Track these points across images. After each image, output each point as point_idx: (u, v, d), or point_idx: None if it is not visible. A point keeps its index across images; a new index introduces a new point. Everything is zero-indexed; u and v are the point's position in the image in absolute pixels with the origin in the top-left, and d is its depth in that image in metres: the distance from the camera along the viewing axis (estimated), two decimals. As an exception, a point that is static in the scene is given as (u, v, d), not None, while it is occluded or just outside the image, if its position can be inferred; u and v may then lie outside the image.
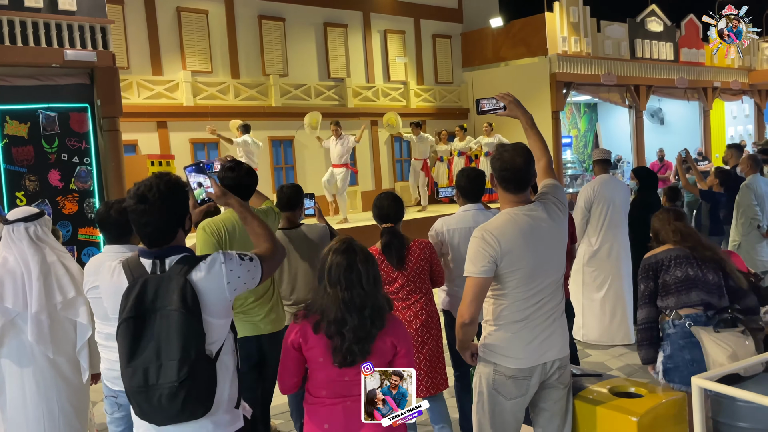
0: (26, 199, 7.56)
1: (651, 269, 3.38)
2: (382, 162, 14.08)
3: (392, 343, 2.42)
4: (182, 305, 2.02)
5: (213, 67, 11.64)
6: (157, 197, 2.09)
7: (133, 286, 2.07)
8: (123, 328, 2.05)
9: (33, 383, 3.25)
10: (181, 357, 1.99)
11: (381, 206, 3.71)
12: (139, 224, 2.13)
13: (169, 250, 2.14)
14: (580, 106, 18.42)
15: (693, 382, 2.43)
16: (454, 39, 15.52)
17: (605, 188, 5.92)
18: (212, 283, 2.10)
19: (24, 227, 3.25)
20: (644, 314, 3.38)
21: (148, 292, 2.06)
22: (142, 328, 2.03)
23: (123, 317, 2.05)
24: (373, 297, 2.37)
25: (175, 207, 2.15)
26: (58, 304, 3.24)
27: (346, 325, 2.33)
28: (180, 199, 2.17)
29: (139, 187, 2.12)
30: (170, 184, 2.13)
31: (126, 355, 2.04)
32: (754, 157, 6.80)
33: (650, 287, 3.36)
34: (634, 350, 5.93)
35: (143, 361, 2.01)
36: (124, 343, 2.04)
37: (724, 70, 18.58)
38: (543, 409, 2.82)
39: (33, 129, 7.63)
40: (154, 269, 2.11)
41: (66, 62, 7.71)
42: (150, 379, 1.99)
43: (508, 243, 2.62)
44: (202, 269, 2.10)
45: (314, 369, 2.42)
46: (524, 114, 2.91)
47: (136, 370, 2.01)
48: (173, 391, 1.97)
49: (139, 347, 2.02)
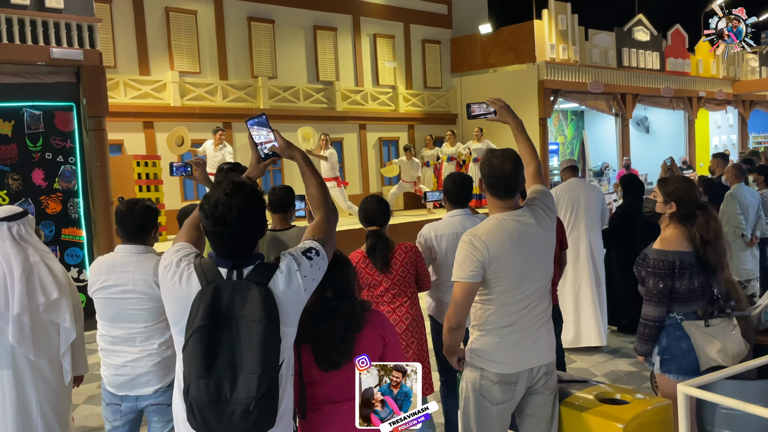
0: (9, 198, 7.45)
1: (669, 267, 3.15)
2: (370, 166, 14.08)
3: (381, 336, 2.40)
4: (266, 316, 1.90)
5: (201, 68, 11.58)
6: (238, 219, 1.95)
7: (208, 291, 1.93)
8: (197, 337, 1.89)
9: (13, 386, 3.19)
10: (262, 371, 1.86)
11: (367, 209, 3.70)
12: (221, 243, 2.00)
13: (247, 260, 2.01)
14: (568, 113, 18.57)
15: (678, 389, 2.43)
16: (443, 44, 15.58)
17: (567, 191, 5.97)
18: (291, 292, 2.00)
19: (7, 227, 3.19)
20: (658, 313, 3.19)
21: (224, 298, 1.92)
22: (218, 337, 1.90)
23: (198, 324, 1.90)
24: (344, 302, 2.34)
25: (255, 223, 2.02)
26: (40, 306, 3.18)
27: (317, 329, 2.30)
28: (259, 213, 2.03)
29: (217, 207, 1.95)
30: (249, 202, 1.98)
31: (200, 366, 1.88)
32: (738, 166, 6.88)
33: (661, 287, 3.15)
34: (619, 357, 5.97)
35: (217, 373, 1.87)
36: (199, 352, 1.88)
37: (709, 80, 18.83)
38: (529, 414, 2.82)
39: (17, 127, 7.53)
40: (230, 275, 1.97)
41: (52, 60, 7.62)
42: (224, 393, 1.86)
43: (496, 248, 2.62)
44: (281, 279, 1.98)
45: (311, 382, 2.38)
46: (514, 119, 2.92)
47: (209, 382, 1.86)
48: (248, 407, 1.85)
49: (213, 357, 1.88)
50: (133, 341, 3.00)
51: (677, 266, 3.14)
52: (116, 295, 2.99)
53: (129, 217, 3.05)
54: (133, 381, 3.00)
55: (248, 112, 11.90)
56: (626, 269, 6.48)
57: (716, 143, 20.43)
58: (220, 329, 1.90)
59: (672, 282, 3.15)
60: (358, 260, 3.55)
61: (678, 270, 3.14)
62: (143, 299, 2.96)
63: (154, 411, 3.05)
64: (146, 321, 2.98)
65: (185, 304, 1.96)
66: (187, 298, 1.96)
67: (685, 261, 3.15)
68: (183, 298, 1.97)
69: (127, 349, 3.00)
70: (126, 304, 2.98)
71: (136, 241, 3.07)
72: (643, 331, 3.28)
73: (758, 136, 21.32)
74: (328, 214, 2.23)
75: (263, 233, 2.08)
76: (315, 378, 2.37)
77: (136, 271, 2.97)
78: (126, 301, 2.98)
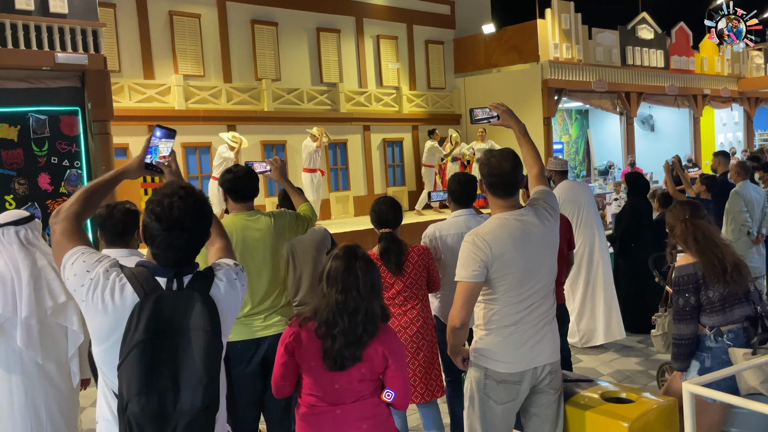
0: (15, 202, 7.50)
1: (691, 282, 3.13)
2: (375, 167, 14.09)
3: (383, 354, 2.40)
4: (210, 325, 1.84)
5: (205, 71, 11.62)
6: (193, 222, 1.89)
7: (149, 302, 1.84)
8: (138, 352, 1.80)
9: (21, 389, 3.21)
10: (208, 382, 1.81)
11: (379, 211, 3.68)
12: (170, 249, 1.90)
13: (185, 269, 1.94)
14: (572, 112, 18.53)
15: (684, 388, 2.43)
16: (446, 45, 15.58)
17: (569, 192, 5.96)
18: (230, 300, 1.97)
19: (14, 231, 3.22)
20: (688, 330, 3.14)
21: (166, 309, 1.84)
22: (160, 350, 1.82)
23: (138, 339, 1.81)
24: (368, 303, 2.35)
25: (205, 230, 1.97)
26: (48, 309, 3.20)
27: (336, 327, 2.32)
28: (210, 219, 1.98)
29: (172, 209, 1.87)
30: (203, 206, 1.93)
31: (140, 381, 1.79)
32: (742, 164, 6.85)
33: (692, 302, 3.13)
34: (625, 356, 5.96)
35: (160, 386, 1.80)
36: (139, 366, 1.79)
37: (713, 77, 18.75)
38: (533, 414, 2.82)
39: (23, 132, 7.58)
40: (169, 285, 1.89)
41: (57, 65, 7.67)
42: (167, 407, 1.79)
43: (499, 247, 2.63)
44: (221, 288, 1.95)
45: (306, 373, 2.41)
46: (517, 123, 2.93)
47: (151, 397, 1.79)
48: (194, 418, 1.80)
49: (156, 371, 1.80)
50: None
51: (701, 276, 3.13)
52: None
53: (110, 221, 3.06)
54: None
55: (253, 115, 11.94)
56: (631, 268, 6.49)
57: (722, 141, 20.36)
58: (162, 341, 1.83)
59: (697, 296, 3.12)
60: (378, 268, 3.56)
61: (704, 279, 3.12)
62: None
63: None
64: None
65: (118, 318, 1.84)
66: (122, 312, 1.84)
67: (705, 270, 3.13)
68: (115, 313, 1.85)
69: None
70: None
71: (120, 245, 3.08)
72: (677, 351, 3.21)
73: (764, 133, 21.23)
74: (228, 241, 2.28)
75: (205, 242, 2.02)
76: (312, 371, 2.38)
77: None
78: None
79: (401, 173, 14.57)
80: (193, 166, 11.46)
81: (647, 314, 5.85)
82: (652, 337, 5.14)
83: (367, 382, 2.41)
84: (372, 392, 2.43)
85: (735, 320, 3.16)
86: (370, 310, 2.35)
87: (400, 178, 14.57)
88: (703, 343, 3.18)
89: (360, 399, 2.40)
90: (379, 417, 2.44)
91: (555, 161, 6.26)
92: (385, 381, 2.46)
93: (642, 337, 6.37)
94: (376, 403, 2.44)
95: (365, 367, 2.38)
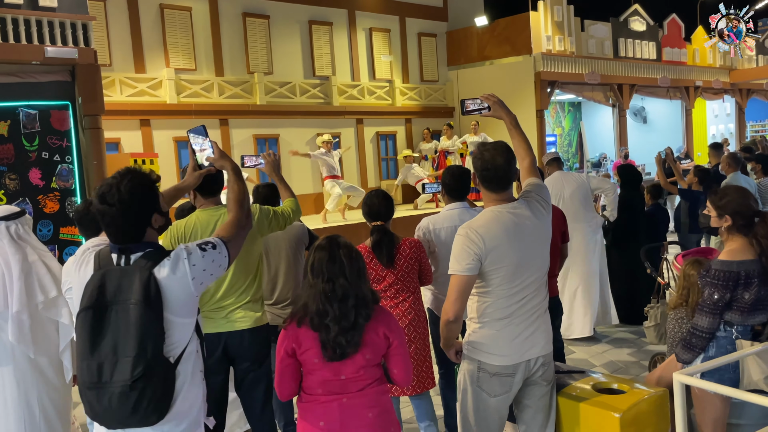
0: (6, 197, 7.45)
1: (731, 279, 3.04)
2: (368, 160, 14.08)
3: (384, 334, 2.42)
4: (143, 299, 1.93)
5: (197, 65, 11.56)
6: (117, 199, 2.02)
7: (96, 275, 2.01)
8: (81, 319, 1.96)
9: (14, 384, 3.21)
10: (136, 354, 1.88)
11: (371, 204, 3.70)
12: (103, 224, 2.08)
13: (134, 246, 2.07)
14: (565, 104, 18.54)
15: (674, 378, 2.45)
16: (439, 37, 15.55)
17: (552, 184, 5.94)
18: (176, 279, 2.02)
19: (5, 226, 3.21)
20: (712, 324, 3.08)
21: (110, 283, 1.98)
22: (101, 320, 1.94)
23: (83, 306, 1.98)
24: (357, 288, 2.36)
25: (138, 209, 2.06)
26: (39, 304, 3.20)
27: (327, 315, 2.32)
28: (144, 200, 2.08)
29: (102, 186, 2.06)
30: (132, 186, 2.04)
31: (83, 349, 1.94)
32: (733, 155, 6.89)
33: (726, 298, 3.05)
34: (617, 347, 5.99)
35: (99, 355, 1.91)
36: (82, 335, 1.94)
37: (705, 69, 18.80)
38: (527, 405, 2.83)
39: (13, 127, 7.52)
40: (118, 262, 2.04)
41: (47, 59, 7.61)
42: (104, 375, 1.89)
43: (492, 240, 2.63)
44: (166, 265, 2.03)
45: (310, 371, 2.41)
46: (508, 114, 2.93)
47: (91, 364, 1.91)
48: (125, 390, 1.87)
49: (97, 340, 1.92)
50: None
51: (743, 276, 3.04)
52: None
53: (86, 217, 3.05)
54: None
55: (245, 108, 11.90)
56: (625, 260, 6.52)
57: (714, 132, 20.42)
58: (104, 313, 1.95)
59: (732, 294, 3.04)
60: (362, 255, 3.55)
61: (744, 280, 3.04)
62: None
63: None
64: None
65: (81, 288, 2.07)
66: (83, 282, 2.07)
67: (750, 271, 3.04)
68: (82, 284, 2.08)
69: None
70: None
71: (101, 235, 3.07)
72: (690, 340, 3.15)
73: (756, 125, 21.30)
74: (240, 216, 2.35)
75: (148, 222, 2.10)
76: (316, 367, 2.38)
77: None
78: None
79: (394, 166, 14.56)
80: (185, 160, 11.40)
81: (639, 306, 5.89)
82: (645, 328, 5.18)
83: (372, 368, 2.43)
84: (376, 380, 2.45)
85: (755, 323, 3.13)
86: (360, 294, 2.36)
87: (393, 171, 14.56)
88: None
89: (365, 387, 2.41)
90: (384, 405, 2.46)
91: (546, 154, 6.31)
92: (387, 360, 2.47)
93: (634, 328, 6.41)
94: (381, 391, 2.46)
95: (369, 352, 2.39)
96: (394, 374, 2.48)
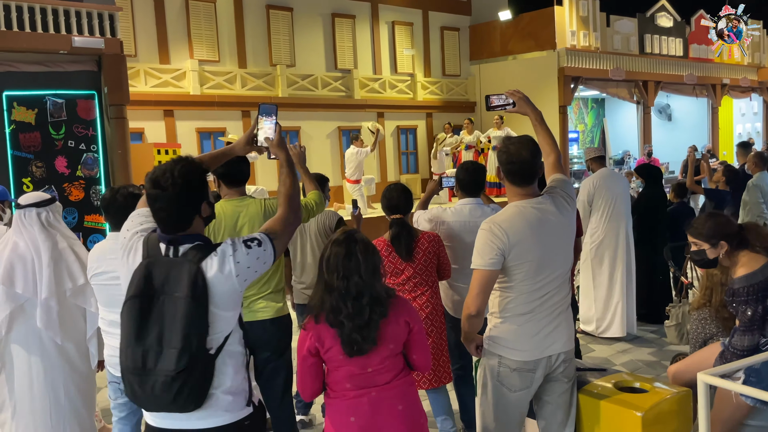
0: (33, 185, 7.57)
1: (759, 290, 2.95)
2: (388, 154, 14.07)
3: (406, 321, 2.43)
4: (191, 293, 1.96)
5: (220, 57, 11.63)
6: (170, 183, 2.04)
7: (144, 265, 2.04)
8: (129, 306, 2.00)
9: (41, 369, 3.26)
10: (182, 347, 1.94)
11: (390, 197, 3.72)
12: (153, 209, 2.09)
13: (183, 238, 2.08)
14: (588, 101, 18.35)
15: (699, 378, 2.42)
16: (462, 31, 15.46)
17: (606, 181, 5.95)
18: (223, 275, 2.04)
19: (36, 212, 3.25)
20: (752, 341, 3.00)
21: (157, 273, 2.01)
22: (149, 309, 1.99)
23: (130, 294, 2.01)
24: (371, 286, 2.36)
25: (189, 195, 2.08)
26: (67, 291, 3.25)
27: (342, 312, 2.33)
28: (195, 187, 2.09)
29: (156, 171, 2.08)
30: (185, 172, 2.06)
31: (129, 335, 1.99)
32: (760, 154, 6.78)
33: (759, 312, 2.96)
34: (638, 346, 5.94)
35: (144, 343, 1.96)
36: (129, 321, 1.99)
37: (733, 66, 18.46)
38: (547, 402, 2.82)
39: (40, 115, 7.64)
40: (167, 252, 2.06)
41: (74, 49, 7.71)
42: (148, 363, 1.95)
43: (516, 235, 2.62)
44: (214, 261, 2.03)
45: (335, 368, 2.41)
46: (533, 111, 2.91)
47: (135, 351, 1.97)
48: (168, 380, 1.93)
49: (143, 328, 1.97)
50: None
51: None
52: (107, 282, 3.04)
53: (113, 206, 3.07)
54: None
55: (267, 101, 11.94)
56: (646, 258, 6.45)
57: (740, 131, 20.07)
58: (151, 302, 1.99)
59: (762, 306, 2.96)
60: (381, 248, 3.57)
61: None
62: None
63: None
64: None
65: (129, 274, 2.08)
66: (132, 269, 2.08)
67: None
68: (129, 270, 2.10)
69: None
70: (116, 290, 2.99)
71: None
72: (730, 359, 3.05)
73: (783, 124, 20.88)
74: (288, 214, 2.29)
75: (197, 210, 2.11)
76: (342, 363, 2.39)
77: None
78: (116, 287, 2.98)
79: (414, 161, 14.54)
80: (208, 151, 11.50)
81: (661, 305, 5.83)
82: (666, 327, 5.12)
83: (396, 357, 2.44)
84: (401, 370, 2.46)
85: None
86: (374, 293, 2.36)
87: (414, 165, 14.54)
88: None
89: (392, 379, 2.42)
90: (412, 397, 2.48)
91: (590, 149, 6.27)
92: (407, 347, 2.48)
93: (656, 328, 6.34)
94: (408, 383, 2.48)
95: (392, 342, 2.40)
96: (414, 360, 2.49)
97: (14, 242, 3.24)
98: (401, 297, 2.53)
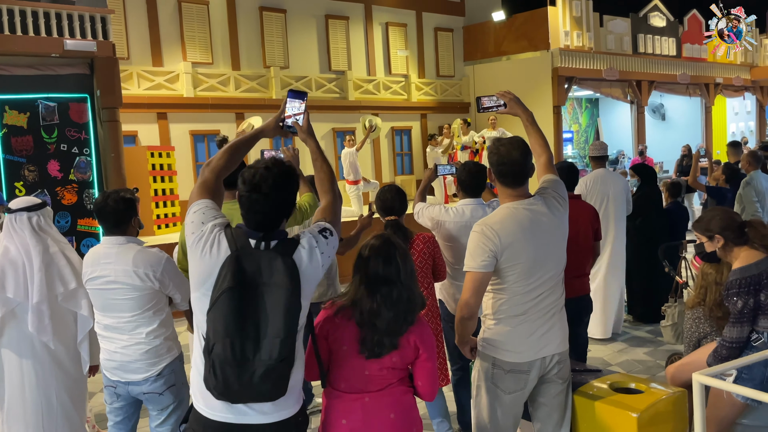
0: (25, 189, 7.54)
1: (752, 284, 3.01)
2: (383, 155, 14.06)
3: (415, 343, 2.39)
4: (291, 284, 2.01)
5: (213, 59, 11.60)
6: (272, 188, 2.09)
7: (237, 256, 2.04)
8: (228, 297, 1.99)
9: (32, 374, 3.24)
10: (285, 336, 1.97)
11: (385, 199, 3.71)
12: (250, 211, 2.12)
13: (272, 233, 2.13)
14: (582, 101, 18.39)
15: (693, 378, 2.41)
16: (455, 32, 15.47)
17: (599, 183, 5.93)
18: (311, 267, 2.11)
19: (27, 217, 3.24)
20: (741, 333, 3.05)
21: (250, 264, 2.03)
22: (246, 300, 2.00)
23: (227, 286, 1.99)
24: (410, 291, 2.35)
25: (286, 199, 2.15)
26: (59, 295, 3.23)
27: (380, 317, 2.31)
28: (292, 191, 2.16)
29: (252, 175, 2.10)
30: (284, 177, 2.12)
31: (227, 326, 1.97)
32: (753, 153, 6.80)
33: (750, 304, 3.02)
34: (634, 346, 5.94)
35: (244, 334, 1.96)
36: (229, 312, 1.97)
37: (726, 66, 18.53)
38: (542, 403, 2.81)
39: (32, 119, 7.60)
40: (258, 246, 2.09)
41: (66, 52, 7.68)
42: (247, 353, 1.96)
43: (508, 237, 2.61)
44: (303, 253, 2.09)
45: (337, 358, 2.40)
46: (524, 111, 2.91)
47: (234, 342, 1.96)
48: (269, 369, 1.96)
49: (241, 320, 1.97)
50: (122, 330, 3.02)
51: (764, 277, 3.02)
52: (102, 286, 3.02)
53: (104, 210, 3.06)
54: (123, 367, 3.03)
55: (261, 103, 11.93)
56: (642, 259, 6.45)
57: (733, 130, 20.15)
58: (248, 293, 2.01)
59: (756, 298, 3.01)
60: None
61: (766, 280, 3.02)
62: (126, 289, 2.97)
63: (147, 400, 3.09)
64: (132, 310, 3.00)
65: (212, 267, 2.05)
66: (216, 262, 2.06)
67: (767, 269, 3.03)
68: (210, 261, 2.07)
69: (117, 336, 3.04)
70: (111, 295, 3.01)
71: (117, 233, 3.06)
72: (720, 351, 3.12)
73: (776, 123, 20.98)
74: (334, 200, 2.37)
75: (290, 212, 2.19)
76: (345, 355, 2.37)
77: (117, 263, 2.98)
78: (110, 292, 3.00)
79: (409, 162, 14.54)
80: (202, 154, 11.47)
81: (657, 304, 5.83)
82: (662, 327, 5.13)
83: (397, 371, 2.41)
84: (399, 381, 2.43)
85: None
86: (411, 298, 2.35)
87: (408, 166, 14.54)
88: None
89: (387, 387, 2.39)
90: (406, 405, 2.44)
91: (594, 145, 6.18)
92: (414, 371, 2.45)
93: (651, 327, 6.35)
94: (403, 391, 2.44)
95: (397, 356, 2.37)
96: (419, 386, 2.45)
97: (5, 247, 3.22)
98: (422, 317, 2.48)
